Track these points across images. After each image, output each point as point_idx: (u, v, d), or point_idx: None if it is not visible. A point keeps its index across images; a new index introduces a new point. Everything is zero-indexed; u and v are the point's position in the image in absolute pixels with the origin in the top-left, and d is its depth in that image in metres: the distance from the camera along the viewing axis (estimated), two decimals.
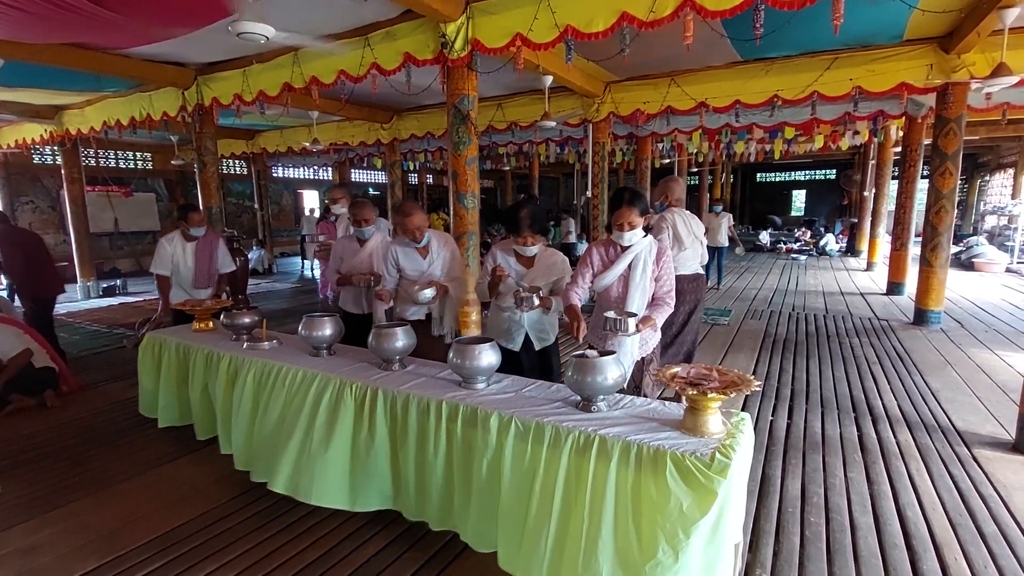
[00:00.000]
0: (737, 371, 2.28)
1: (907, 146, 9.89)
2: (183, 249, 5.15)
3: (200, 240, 5.19)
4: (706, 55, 7.18)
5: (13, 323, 5.13)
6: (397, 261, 3.90)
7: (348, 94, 8.23)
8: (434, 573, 2.61)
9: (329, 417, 2.92)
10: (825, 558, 2.71)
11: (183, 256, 5.15)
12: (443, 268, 3.96)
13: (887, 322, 7.83)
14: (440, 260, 3.95)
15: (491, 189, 27.97)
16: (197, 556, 2.75)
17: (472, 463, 2.49)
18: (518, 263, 3.48)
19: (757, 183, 29.68)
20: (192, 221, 5.11)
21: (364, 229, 4.30)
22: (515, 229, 3.31)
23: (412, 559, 2.70)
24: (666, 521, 1.96)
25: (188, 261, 5.15)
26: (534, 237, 3.33)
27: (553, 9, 4.93)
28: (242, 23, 3.48)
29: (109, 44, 6.48)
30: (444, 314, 3.96)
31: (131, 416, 4.53)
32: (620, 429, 2.19)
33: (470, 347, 2.71)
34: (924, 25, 6.02)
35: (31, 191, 13.73)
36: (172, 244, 5.13)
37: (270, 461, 3.12)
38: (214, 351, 3.68)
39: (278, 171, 19.32)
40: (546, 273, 3.48)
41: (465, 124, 5.66)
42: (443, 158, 14.31)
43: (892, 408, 4.62)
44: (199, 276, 5.20)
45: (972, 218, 20.69)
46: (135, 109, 8.56)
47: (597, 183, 9.56)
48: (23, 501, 3.34)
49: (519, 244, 3.36)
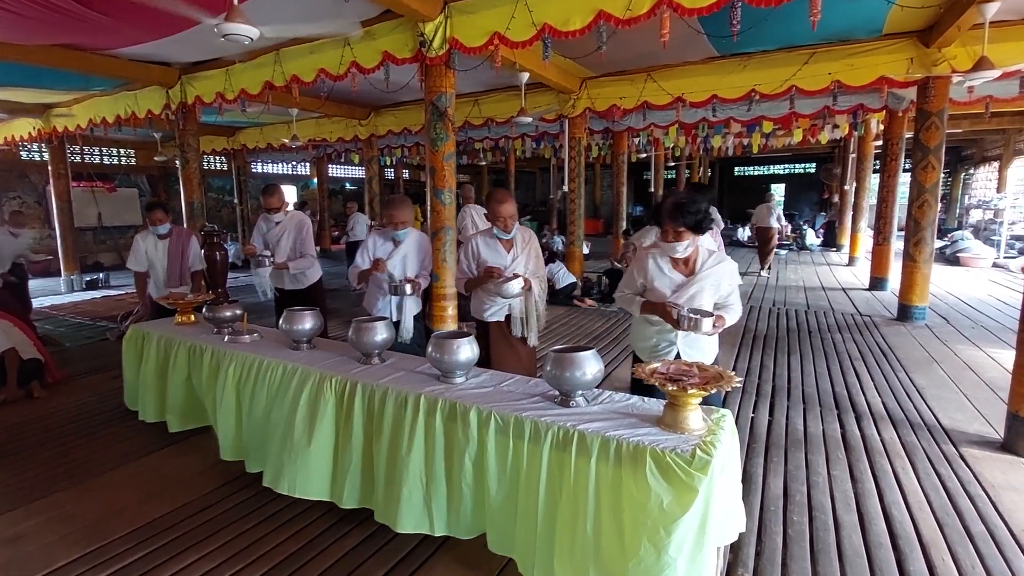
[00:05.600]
0: (717, 367, 2.27)
1: (888, 140, 9.87)
2: (155, 246, 5.15)
3: (172, 238, 5.18)
4: (683, 51, 7.18)
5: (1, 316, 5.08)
6: (478, 254, 3.67)
7: (328, 92, 8.34)
8: (412, 568, 2.60)
9: (310, 411, 2.91)
10: (809, 558, 2.68)
11: (155, 253, 5.15)
12: (526, 265, 3.68)
13: (870, 318, 7.81)
14: (524, 255, 3.69)
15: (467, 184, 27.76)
16: (179, 546, 2.77)
17: (453, 457, 2.47)
18: (673, 269, 2.93)
19: (735, 177, 29.40)
20: (152, 220, 5.10)
21: (399, 231, 3.96)
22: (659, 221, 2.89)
23: (391, 552, 2.70)
24: (647, 518, 1.95)
25: (161, 259, 5.14)
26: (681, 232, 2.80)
27: (530, 8, 4.98)
28: (227, 24, 3.47)
29: (98, 45, 6.59)
30: (527, 314, 3.67)
31: (114, 407, 4.55)
32: (599, 425, 2.18)
33: (449, 341, 2.70)
34: (904, 19, 6.02)
35: (18, 186, 13.92)
36: (145, 241, 5.13)
37: (262, 453, 3.15)
38: (196, 344, 3.67)
39: (257, 167, 19.44)
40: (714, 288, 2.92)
41: (443, 121, 5.69)
42: (419, 153, 14.39)
43: (876, 405, 4.59)
44: (171, 274, 5.19)
45: (957, 212, 20.70)
46: (121, 107, 8.73)
47: (574, 178, 9.62)
48: (8, 491, 3.36)
49: (668, 241, 2.85)
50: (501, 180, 23.93)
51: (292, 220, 5.11)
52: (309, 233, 5.18)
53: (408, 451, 2.54)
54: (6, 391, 4.77)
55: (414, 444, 2.54)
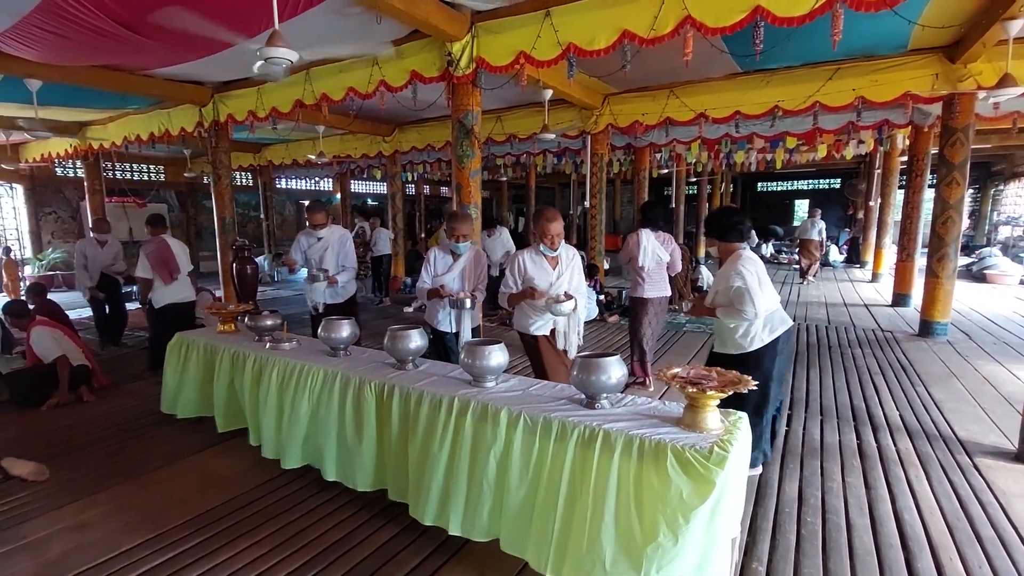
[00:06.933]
0: (735, 372, 2.43)
1: (913, 155, 9.76)
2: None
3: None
4: (706, 67, 7.18)
5: (51, 325, 5.39)
6: (524, 270, 3.76)
7: (357, 110, 8.52)
8: (447, 556, 2.78)
9: (356, 412, 3.16)
10: (820, 555, 2.81)
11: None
12: (570, 281, 3.80)
13: (891, 333, 7.81)
14: (569, 272, 3.80)
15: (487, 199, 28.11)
16: (232, 534, 3.00)
17: (479, 455, 2.64)
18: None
19: (758, 192, 29.12)
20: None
21: (460, 244, 4.16)
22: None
23: (425, 543, 2.88)
24: (667, 508, 2.12)
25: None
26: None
27: (556, 28, 5.08)
28: (268, 48, 3.75)
29: (137, 65, 6.85)
30: (569, 329, 3.81)
31: (156, 412, 4.77)
32: (623, 424, 2.36)
33: (481, 347, 2.91)
34: (929, 35, 5.94)
35: (53, 202, 14.34)
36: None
37: (311, 451, 3.44)
38: (239, 351, 3.93)
39: (281, 182, 19.75)
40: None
41: (469, 138, 5.88)
42: (441, 169, 14.63)
43: (893, 417, 4.64)
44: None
45: (985, 228, 20.41)
46: (154, 125, 8.99)
47: (595, 193, 9.64)
48: (69, 484, 3.60)
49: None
50: (521, 196, 24.10)
51: (335, 235, 5.28)
52: (352, 247, 5.42)
53: (439, 449, 2.74)
54: (58, 395, 5.06)
55: (445, 443, 2.74)
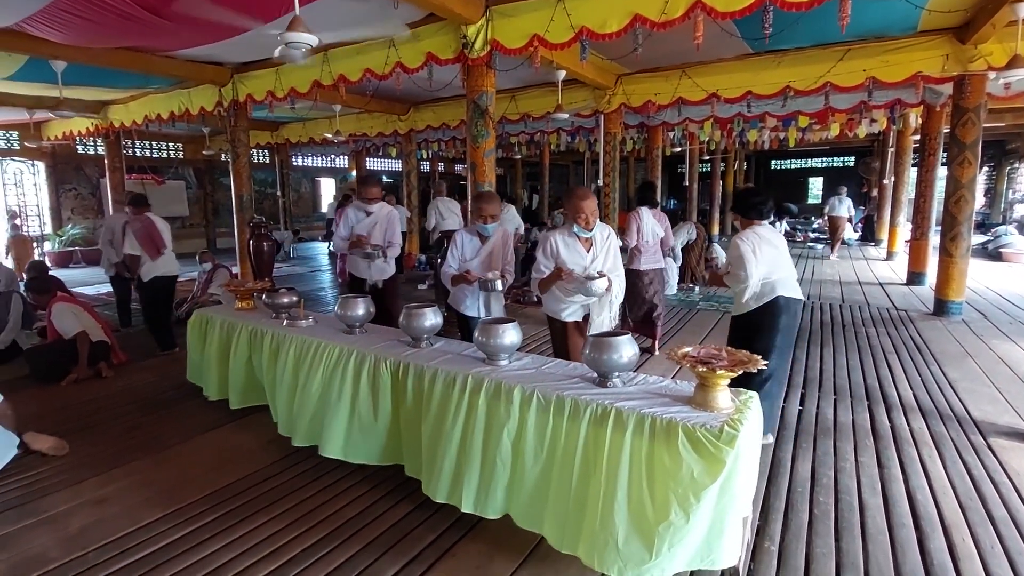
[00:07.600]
0: (745, 351, 2.44)
1: (926, 134, 9.78)
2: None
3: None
4: (717, 48, 7.22)
5: (71, 301, 5.50)
6: (556, 252, 3.57)
7: (374, 90, 8.72)
8: (462, 532, 2.82)
9: (372, 389, 3.19)
10: (833, 534, 2.81)
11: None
12: (604, 262, 3.58)
13: (906, 312, 7.78)
14: (603, 254, 3.59)
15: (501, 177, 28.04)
16: (249, 510, 3.05)
17: (492, 433, 2.65)
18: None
19: (772, 170, 28.83)
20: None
21: (488, 225, 3.97)
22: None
23: (440, 519, 2.91)
24: (678, 486, 2.14)
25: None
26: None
27: (569, 11, 5.18)
28: (289, 33, 3.82)
29: (158, 47, 7.02)
30: (602, 314, 3.59)
31: (175, 387, 4.88)
32: (635, 403, 2.37)
33: (495, 326, 2.92)
34: (939, 17, 6.00)
35: (74, 179, 14.70)
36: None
37: (317, 429, 3.41)
38: (257, 327, 3.97)
39: (297, 160, 20.04)
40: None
41: (484, 118, 5.96)
42: (455, 147, 14.78)
43: (907, 396, 4.63)
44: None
45: (1001, 206, 20.22)
46: (175, 104, 9.22)
47: (608, 172, 9.70)
48: (89, 459, 3.67)
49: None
50: (535, 173, 24.12)
51: (383, 211, 5.22)
52: (399, 224, 5.44)
53: (452, 426, 2.77)
54: (78, 370, 5.15)
55: (459, 420, 2.76)
